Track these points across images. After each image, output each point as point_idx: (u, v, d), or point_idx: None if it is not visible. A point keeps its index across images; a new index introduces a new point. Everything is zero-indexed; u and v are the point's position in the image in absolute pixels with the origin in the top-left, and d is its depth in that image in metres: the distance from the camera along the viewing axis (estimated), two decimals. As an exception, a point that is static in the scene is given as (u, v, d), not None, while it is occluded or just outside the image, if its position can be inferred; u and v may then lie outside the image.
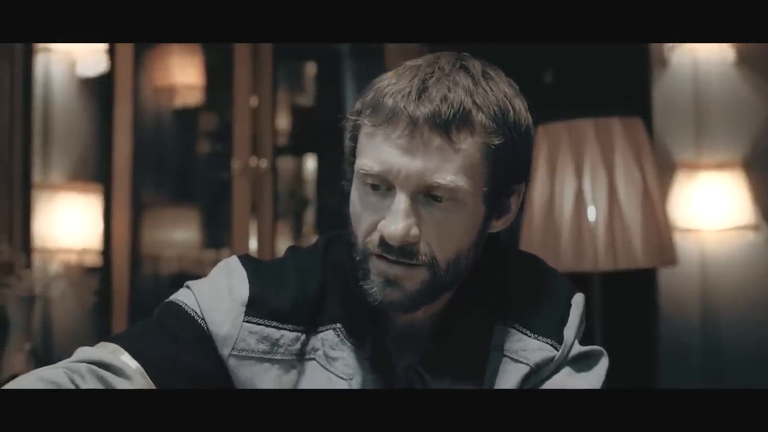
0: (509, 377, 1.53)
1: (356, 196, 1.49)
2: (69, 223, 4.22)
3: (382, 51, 3.96)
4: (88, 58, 4.41)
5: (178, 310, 1.55)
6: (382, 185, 1.45)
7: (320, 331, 1.56)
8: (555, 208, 3.39)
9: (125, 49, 4.21)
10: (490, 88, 1.46)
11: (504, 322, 1.55)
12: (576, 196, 3.36)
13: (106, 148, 4.27)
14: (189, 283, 1.60)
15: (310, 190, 4.84)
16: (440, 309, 1.55)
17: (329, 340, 1.55)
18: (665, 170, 3.79)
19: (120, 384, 1.44)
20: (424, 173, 1.42)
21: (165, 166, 4.67)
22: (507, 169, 1.49)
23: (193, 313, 1.54)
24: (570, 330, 1.56)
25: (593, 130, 3.40)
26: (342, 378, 1.53)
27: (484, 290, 1.56)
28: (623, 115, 3.46)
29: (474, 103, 1.43)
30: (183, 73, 4.48)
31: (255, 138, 4.08)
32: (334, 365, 1.54)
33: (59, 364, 1.45)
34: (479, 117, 1.43)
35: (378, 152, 1.43)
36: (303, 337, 1.54)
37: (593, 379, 1.56)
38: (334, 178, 4.85)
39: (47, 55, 4.33)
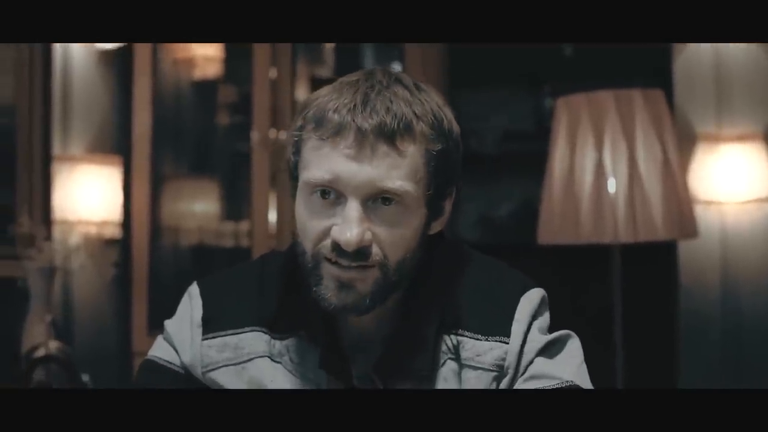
0: (474, 384, 1.57)
1: (303, 206, 1.55)
2: (89, 195, 4.23)
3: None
4: (108, 29, 4.40)
5: (156, 366, 1.67)
6: (332, 193, 1.51)
7: (285, 338, 1.63)
8: (575, 179, 3.38)
9: (144, 21, 4.20)
10: (425, 99, 1.55)
11: (455, 330, 1.60)
12: (596, 168, 3.35)
13: (126, 120, 4.27)
14: (166, 326, 1.71)
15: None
16: (390, 314, 1.60)
17: (293, 346, 1.62)
18: (686, 142, 3.78)
19: None
20: (374, 180, 1.49)
21: (184, 138, 4.66)
22: (444, 174, 1.57)
23: (164, 361, 1.67)
24: (519, 323, 1.58)
25: (614, 101, 3.38)
26: (307, 383, 1.60)
27: (431, 294, 1.61)
28: (644, 86, 3.44)
29: (414, 113, 1.52)
30: (202, 44, 4.47)
31: (274, 109, 4.07)
32: (299, 371, 1.61)
33: None
34: (419, 126, 1.52)
35: (327, 163, 1.50)
36: (266, 337, 1.63)
37: (568, 361, 1.59)
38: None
39: (66, 27, 4.32)
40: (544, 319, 1.61)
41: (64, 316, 4.15)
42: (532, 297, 1.62)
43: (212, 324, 1.64)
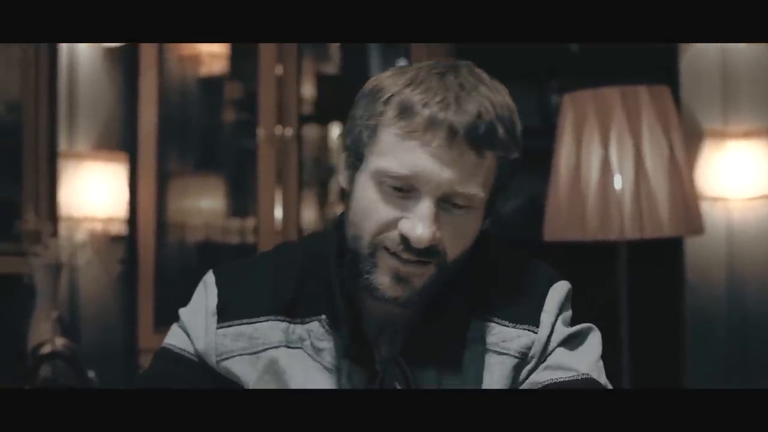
0: (496, 370, 1.57)
1: (368, 191, 1.52)
2: (95, 191, 4.23)
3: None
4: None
5: (172, 355, 1.65)
6: (405, 187, 1.49)
7: (306, 322, 1.61)
8: (581, 176, 3.37)
9: (150, 18, 4.20)
10: (504, 102, 1.53)
11: (483, 316, 1.60)
12: (602, 165, 3.35)
13: (132, 116, 4.27)
14: (180, 315, 1.69)
15: (335, 158, 4.83)
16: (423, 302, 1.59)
17: (315, 331, 1.60)
18: (692, 138, 3.77)
19: None
20: (454, 183, 1.48)
21: (190, 135, 4.67)
22: (507, 180, 1.57)
23: (180, 348, 1.65)
24: (547, 314, 1.59)
25: (620, 98, 3.38)
26: (328, 369, 1.58)
27: (462, 283, 1.60)
28: (650, 83, 3.44)
29: (498, 117, 1.50)
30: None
31: (280, 106, 4.08)
32: (321, 355, 1.59)
33: None
34: (501, 132, 1.50)
35: (410, 158, 1.47)
36: (283, 325, 1.61)
37: (587, 354, 1.60)
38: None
39: (72, 24, 4.32)
40: (569, 311, 1.63)
41: (70, 312, 4.15)
42: (560, 289, 1.63)
43: (227, 313, 1.62)
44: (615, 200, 3.31)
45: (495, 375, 1.56)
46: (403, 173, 1.47)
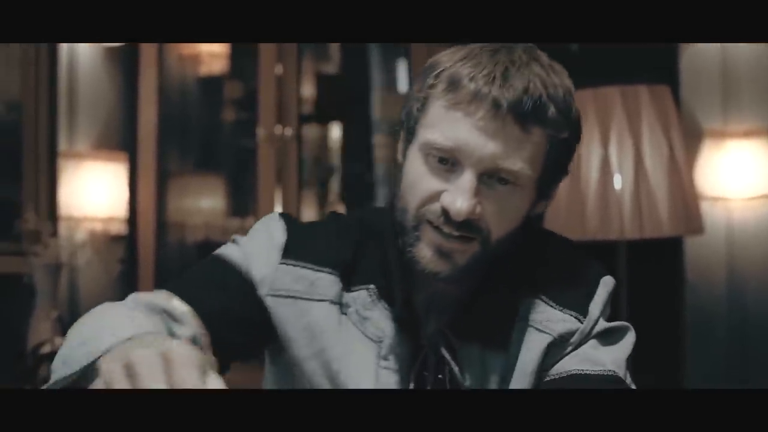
0: (533, 346, 1.57)
1: (416, 164, 1.53)
2: (94, 191, 4.24)
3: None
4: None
5: (223, 261, 1.62)
6: (449, 159, 1.49)
7: (353, 291, 1.60)
8: (581, 175, 3.37)
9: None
10: (559, 83, 1.52)
11: (529, 292, 1.59)
12: (602, 164, 3.35)
13: (132, 116, 4.28)
14: (234, 236, 1.67)
15: (335, 157, 4.84)
16: (471, 281, 1.58)
17: (361, 299, 1.59)
18: (692, 138, 3.77)
19: (177, 329, 1.50)
20: (497, 157, 1.47)
21: (190, 134, 4.67)
22: (562, 161, 1.57)
23: (235, 263, 1.61)
24: (596, 305, 1.60)
25: (620, 97, 3.38)
26: (371, 339, 1.58)
27: (514, 266, 1.60)
28: (650, 82, 3.44)
29: (548, 96, 1.49)
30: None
31: (280, 106, 4.08)
32: (365, 325, 1.58)
33: (128, 304, 1.55)
34: (551, 110, 1.49)
35: (454, 130, 1.48)
36: (340, 285, 1.59)
37: (619, 352, 1.60)
38: (359, 146, 4.86)
39: (72, 24, 4.33)
40: (608, 309, 1.63)
41: (70, 312, 4.15)
42: (608, 283, 1.64)
43: (293, 252, 1.60)
44: (615, 200, 3.32)
45: (531, 352, 1.57)
46: (447, 145, 1.47)
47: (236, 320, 1.57)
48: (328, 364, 1.58)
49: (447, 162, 1.49)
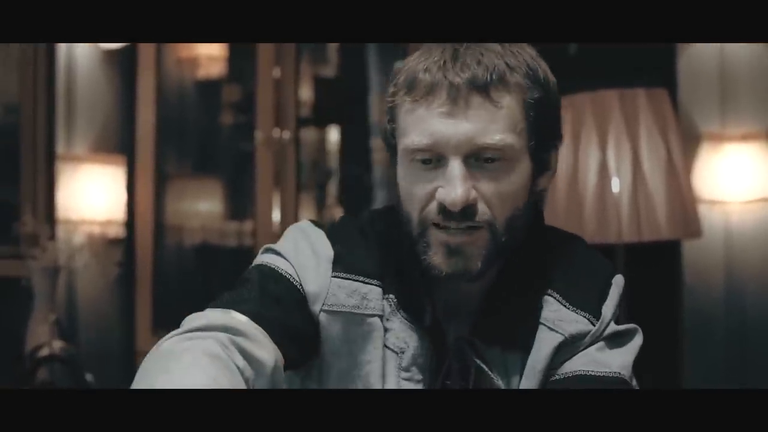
0: (543, 345, 1.56)
1: (404, 174, 1.53)
2: (92, 194, 4.23)
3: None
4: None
5: (275, 273, 1.58)
6: (433, 158, 1.49)
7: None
8: (579, 179, 3.37)
9: (148, 20, 4.20)
10: (517, 51, 1.52)
11: (542, 290, 1.59)
12: (600, 168, 3.35)
13: (130, 119, 4.28)
14: (271, 246, 1.63)
15: (333, 161, 4.83)
16: (487, 283, 1.58)
17: (386, 308, 1.59)
18: (690, 141, 3.77)
19: (256, 351, 1.45)
20: (473, 136, 1.46)
21: (188, 138, 4.67)
22: (545, 124, 1.55)
23: (288, 276, 1.57)
24: (608, 308, 1.60)
25: (618, 101, 3.38)
26: (393, 351, 1.57)
27: (529, 266, 1.59)
28: (648, 86, 3.44)
29: (506, 64, 1.49)
30: (206, 44, 4.47)
31: (278, 109, 4.08)
32: (386, 336, 1.58)
33: (199, 333, 1.43)
34: (514, 77, 1.49)
35: (423, 125, 1.48)
36: (383, 296, 1.58)
37: (626, 354, 1.60)
38: (357, 149, 4.85)
39: (70, 26, 4.32)
40: (619, 309, 1.63)
41: (68, 315, 4.15)
42: (620, 282, 1.64)
43: (342, 264, 1.58)
44: (613, 203, 3.31)
45: (542, 350, 1.56)
46: (423, 143, 1.47)
47: (291, 334, 1.54)
48: (358, 376, 1.57)
49: (431, 161, 1.49)
